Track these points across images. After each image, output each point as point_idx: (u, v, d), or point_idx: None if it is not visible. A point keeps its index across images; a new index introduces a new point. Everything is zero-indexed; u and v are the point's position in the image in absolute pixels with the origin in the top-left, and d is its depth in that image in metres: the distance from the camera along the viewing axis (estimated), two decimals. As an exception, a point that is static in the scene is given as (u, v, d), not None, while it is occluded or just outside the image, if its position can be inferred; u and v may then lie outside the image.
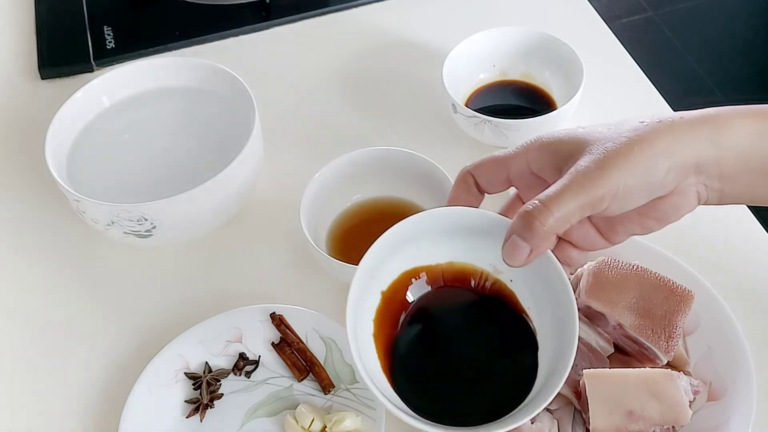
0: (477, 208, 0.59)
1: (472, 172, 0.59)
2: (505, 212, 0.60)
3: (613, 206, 0.53)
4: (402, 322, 0.60)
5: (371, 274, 0.59)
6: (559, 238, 0.57)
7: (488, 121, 0.87)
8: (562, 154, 0.55)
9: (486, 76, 0.97)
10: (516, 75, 0.97)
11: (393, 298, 0.60)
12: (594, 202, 0.52)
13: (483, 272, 0.60)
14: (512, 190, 0.61)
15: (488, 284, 0.60)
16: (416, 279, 0.60)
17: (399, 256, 0.59)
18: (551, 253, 0.55)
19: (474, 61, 0.96)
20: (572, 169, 0.53)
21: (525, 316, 0.59)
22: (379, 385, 0.55)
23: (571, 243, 0.58)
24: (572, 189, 0.52)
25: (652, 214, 0.56)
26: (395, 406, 0.54)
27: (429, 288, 0.60)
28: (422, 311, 0.60)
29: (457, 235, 0.59)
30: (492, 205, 0.60)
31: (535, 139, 0.57)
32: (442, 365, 0.59)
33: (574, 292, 0.71)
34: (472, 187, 0.59)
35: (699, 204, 0.57)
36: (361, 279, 0.57)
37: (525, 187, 0.59)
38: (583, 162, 0.53)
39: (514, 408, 0.54)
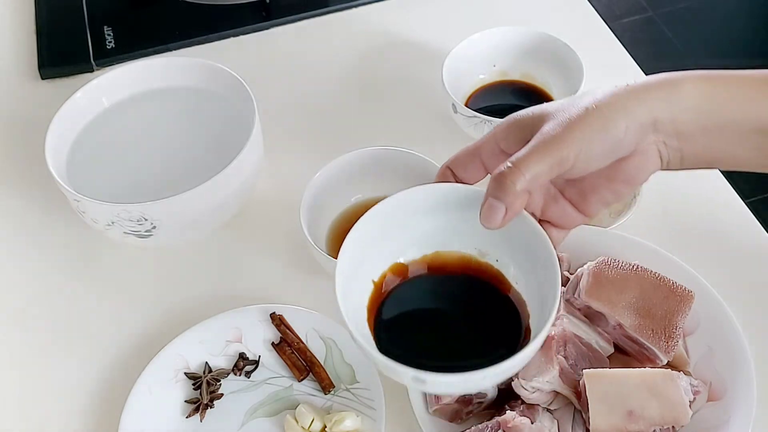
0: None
1: (449, 167, 0.62)
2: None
3: (579, 165, 0.56)
4: (387, 300, 0.62)
5: (360, 260, 0.60)
6: (539, 219, 0.61)
7: (488, 121, 0.87)
8: (527, 128, 0.58)
9: (486, 76, 0.98)
10: (516, 75, 0.97)
11: (383, 287, 0.63)
12: (560, 161, 0.55)
13: (470, 258, 0.63)
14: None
15: (475, 267, 0.63)
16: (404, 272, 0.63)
17: (386, 242, 0.62)
18: (527, 214, 0.58)
19: (474, 61, 0.96)
20: (538, 134, 0.56)
21: (513, 291, 0.61)
22: (365, 339, 0.56)
23: (550, 222, 0.62)
24: (539, 150, 0.56)
25: (618, 176, 0.59)
26: (381, 354, 0.55)
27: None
28: (408, 291, 0.63)
29: (440, 216, 0.62)
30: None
31: (502, 121, 0.61)
32: (429, 333, 0.61)
33: (574, 292, 0.71)
34: (452, 180, 0.62)
35: (662, 165, 0.59)
36: (345, 265, 0.59)
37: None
38: (547, 127, 0.56)
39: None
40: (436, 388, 0.61)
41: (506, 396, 0.71)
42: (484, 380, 0.55)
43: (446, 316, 0.63)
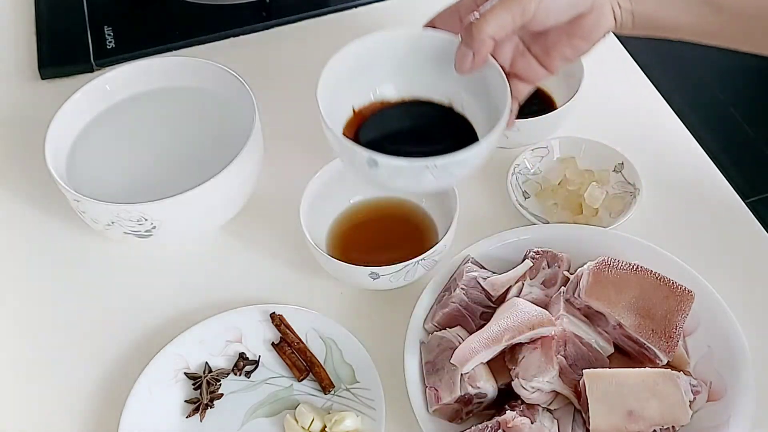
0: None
1: (432, 23, 0.72)
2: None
3: (540, 16, 0.65)
4: (364, 123, 0.73)
5: (344, 84, 0.70)
6: (508, 73, 0.69)
7: None
8: None
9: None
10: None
11: (361, 115, 0.73)
12: (522, 11, 0.64)
13: (441, 104, 0.74)
14: None
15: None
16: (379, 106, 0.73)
17: (367, 75, 0.72)
18: (494, 62, 0.68)
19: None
20: None
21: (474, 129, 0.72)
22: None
23: (517, 76, 0.71)
24: (504, 2, 0.64)
25: (577, 32, 0.68)
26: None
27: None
28: (382, 117, 0.74)
29: (419, 60, 0.72)
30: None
31: None
32: (393, 140, 0.72)
33: (574, 292, 0.71)
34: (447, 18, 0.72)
35: (616, 26, 0.69)
36: (329, 81, 0.69)
37: None
38: None
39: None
40: (387, 173, 0.65)
41: (506, 396, 0.71)
42: (434, 169, 0.63)
43: (412, 132, 0.74)
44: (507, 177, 0.87)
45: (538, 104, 0.95)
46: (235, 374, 0.77)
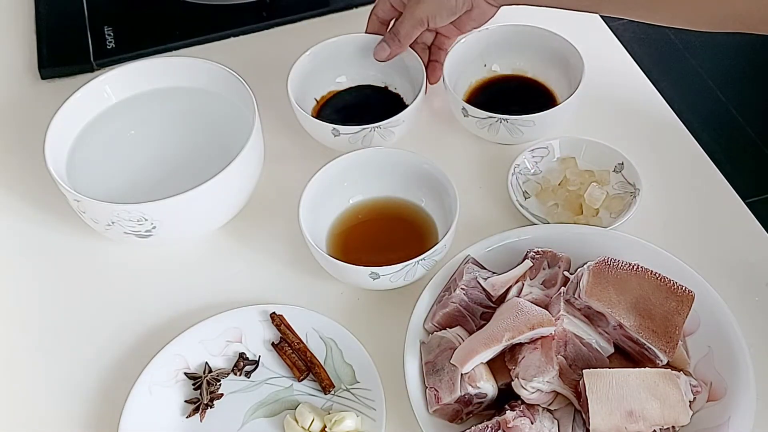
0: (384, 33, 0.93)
1: (374, 12, 0.94)
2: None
3: (434, 23, 0.89)
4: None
5: (308, 80, 0.95)
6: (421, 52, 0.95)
7: (504, 119, 0.87)
8: None
9: (483, 73, 0.98)
10: (512, 71, 0.98)
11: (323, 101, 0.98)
12: (421, 22, 0.89)
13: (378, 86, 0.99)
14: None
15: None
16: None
17: (324, 73, 0.97)
18: (411, 50, 0.93)
19: (471, 60, 0.96)
20: (408, 3, 0.90)
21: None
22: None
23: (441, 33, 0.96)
24: (407, 16, 0.89)
25: (468, 23, 0.91)
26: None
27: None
28: (339, 98, 0.99)
29: (360, 59, 0.97)
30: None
31: None
32: (351, 112, 0.96)
33: (574, 292, 0.71)
34: (376, 22, 0.94)
35: (494, 5, 0.90)
36: (296, 78, 0.93)
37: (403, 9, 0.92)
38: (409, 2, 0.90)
39: None
40: (347, 138, 0.88)
41: (506, 396, 0.71)
42: (378, 129, 0.87)
43: (359, 107, 0.97)
44: (507, 177, 0.86)
45: (539, 100, 0.95)
46: (235, 374, 0.77)
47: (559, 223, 0.84)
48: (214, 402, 0.75)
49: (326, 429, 0.71)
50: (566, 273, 0.76)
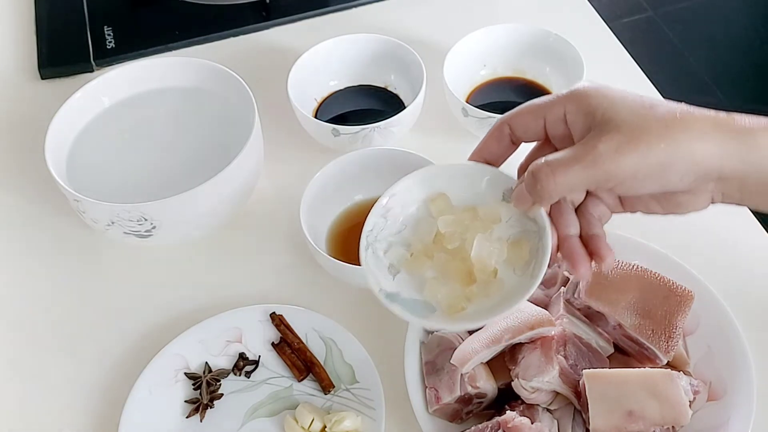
0: (504, 161, 0.61)
1: (509, 122, 0.59)
2: (530, 158, 0.61)
3: (619, 188, 0.54)
4: None
5: (308, 80, 0.94)
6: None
7: None
8: (597, 119, 0.55)
9: (484, 74, 0.98)
10: (509, 72, 0.98)
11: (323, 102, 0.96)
12: (599, 181, 0.54)
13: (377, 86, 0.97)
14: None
15: None
16: None
17: (323, 74, 0.97)
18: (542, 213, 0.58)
19: (470, 61, 0.96)
20: (592, 142, 0.54)
21: None
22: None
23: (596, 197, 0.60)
24: (583, 162, 0.53)
25: (662, 202, 0.59)
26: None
27: None
28: (338, 97, 0.97)
29: (359, 60, 0.97)
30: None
31: (574, 91, 0.57)
32: (351, 112, 0.96)
33: (574, 292, 0.71)
34: (506, 137, 0.60)
35: (714, 202, 0.58)
36: (296, 80, 0.92)
37: (555, 138, 0.59)
38: (605, 140, 0.53)
39: None
40: (347, 138, 0.87)
41: (506, 396, 0.71)
42: (378, 129, 0.87)
43: (358, 107, 0.97)
44: (360, 252, 0.61)
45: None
46: (235, 374, 0.77)
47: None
48: (214, 402, 0.75)
49: (326, 429, 0.71)
50: (566, 273, 0.76)
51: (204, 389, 0.75)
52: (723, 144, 0.53)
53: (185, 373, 0.76)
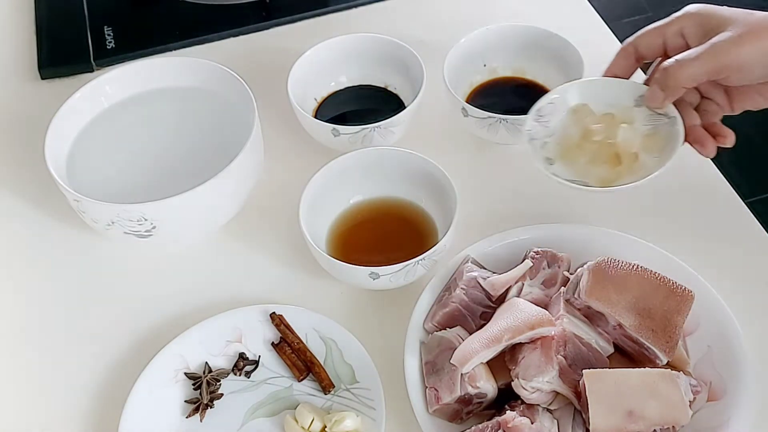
0: (630, 77, 0.77)
1: (634, 43, 0.75)
2: (655, 71, 0.75)
3: (735, 76, 0.69)
4: None
5: (309, 80, 0.95)
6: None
7: (504, 119, 0.87)
8: (710, 26, 0.70)
9: (483, 74, 0.98)
10: (508, 72, 0.98)
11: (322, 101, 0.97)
12: (719, 69, 0.68)
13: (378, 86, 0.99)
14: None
15: None
16: None
17: (324, 74, 0.97)
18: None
19: (472, 60, 0.96)
20: (712, 40, 0.68)
21: None
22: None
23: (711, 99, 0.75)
24: (704, 56, 0.68)
25: (764, 93, 0.72)
26: None
27: None
28: (339, 96, 0.98)
29: (361, 60, 0.97)
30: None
31: (687, 11, 0.72)
32: (351, 111, 0.97)
33: (574, 292, 0.71)
34: (631, 55, 0.76)
35: None
36: (296, 79, 0.92)
37: (674, 50, 0.72)
38: (722, 36, 0.68)
39: None
40: (347, 138, 0.87)
41: (506, 396, 0.71)
42: (378, 129, 0.86)
43: (358, 106, 0.97)
44: (525, 147, 0.77)
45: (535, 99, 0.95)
46: (235, 374, 0.77)
47: (559, 224, 0.83)
48: (214, 402, 0.75)
49: (326, 429, 0.71)
50: (566, 273, 0.76)
51: (204, 389, 0.75)
52: None
53: (185, 373, 0.76)
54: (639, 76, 0.79)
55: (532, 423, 0.67)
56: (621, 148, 0.75)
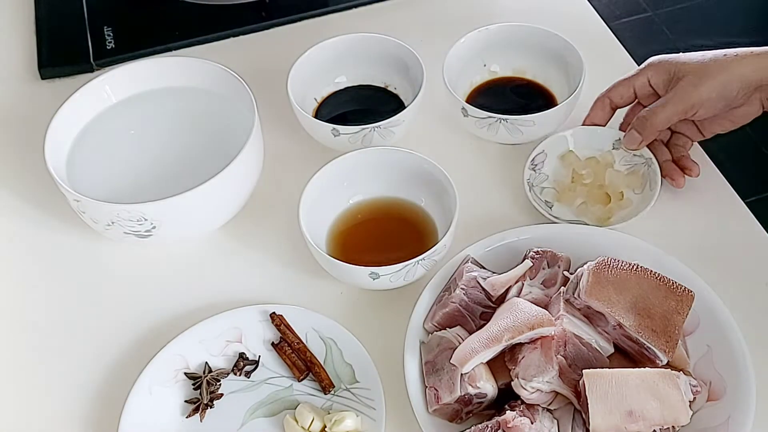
0: (606, 124, 0.89)
1: (607, 95, 0.87)
2: (628, 117, 0.89)
3: (701, 111, 0.81)
4: None
5: (307, 81, 0.95)
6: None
7: (503, 119, 0.87)
8: (672, 72, 0.83)
9: (483, 74, 0.98)
10: (509, 72, 0.98)
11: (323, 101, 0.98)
12: (687, 109, 0.81)
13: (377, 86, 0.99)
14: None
15: None
16: None
17: (324, 74, 0.98)
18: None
19: (472, 60, 0.96)
20: (675, 87, 0.81)
21: None
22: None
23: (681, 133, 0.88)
24: (673, 101, 0.81)
25: (727, 118, 0.83)
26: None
27: None
28: (339, 96, 0.99)
29: (359, 60, 0.97)
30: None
31: (650, 62, 0.86)
32: (351, 111, 0.97)
33: (574, 292, 0.71)
34: (607, 105, 0.87)
35: (763, 111, 0.82)
36: (296, 80, 0.93)
37: (643, 97, 0.86)
38: (683, 82, 0.81)
39: None
40: (347, 138, 0.87)
41: (506, 396, 0.71)
42: (378, 129, 0.87)
43: (358, 106, 0.97)
44: (526, 195, 0.85)
45: (539, 101, 0.95)
46: (235, 374, 0.77)
47: (559, 224, 0.83)
48: (214, 402, 0.75)
49: (326, 429, 0.71)
50: (566, 273, 0.76)
51: (204, 389, 0.75)
52: (760, 63, 0.79)
53: (185, 373, 0.76)
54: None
55: (532, 423, 0.67)
56: (609, 188, 0.86)
